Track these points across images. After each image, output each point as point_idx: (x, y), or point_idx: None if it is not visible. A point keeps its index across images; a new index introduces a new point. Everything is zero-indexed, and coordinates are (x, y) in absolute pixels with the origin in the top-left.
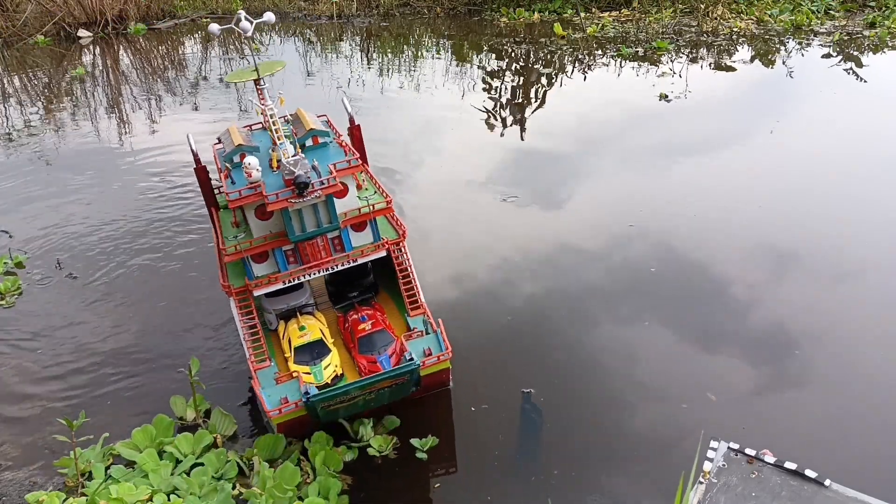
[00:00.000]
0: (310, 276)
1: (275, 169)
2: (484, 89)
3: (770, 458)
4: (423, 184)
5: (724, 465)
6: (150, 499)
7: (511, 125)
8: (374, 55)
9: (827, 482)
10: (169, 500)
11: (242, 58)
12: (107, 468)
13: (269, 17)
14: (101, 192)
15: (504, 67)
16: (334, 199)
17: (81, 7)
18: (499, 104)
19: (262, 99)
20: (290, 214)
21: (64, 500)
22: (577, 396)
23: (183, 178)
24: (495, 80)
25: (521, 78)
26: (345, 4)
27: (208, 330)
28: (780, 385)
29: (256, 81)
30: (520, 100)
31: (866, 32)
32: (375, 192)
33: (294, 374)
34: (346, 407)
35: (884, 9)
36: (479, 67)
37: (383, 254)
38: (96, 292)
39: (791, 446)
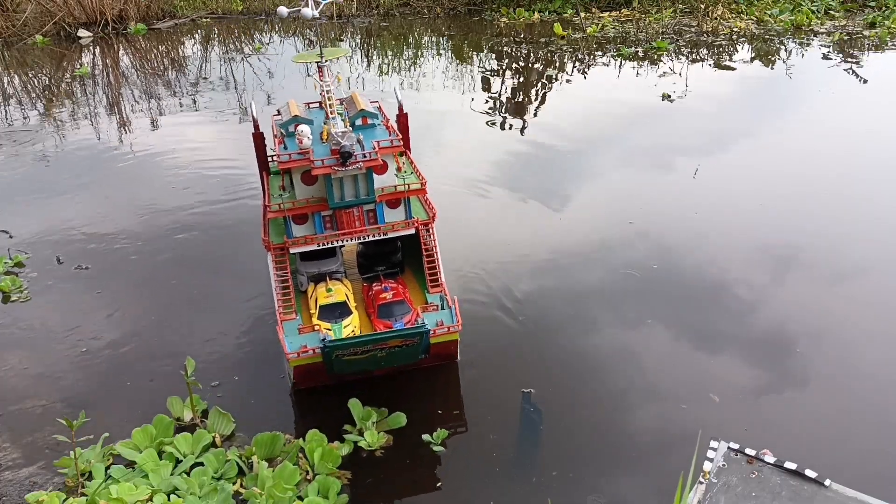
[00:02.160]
0: (343, 242)
1: (325, 140)
2: (484, 83)
3: (770, 458)
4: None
5: (723, 464)
6: (150, 499)
7: (511, 124)
8: (374, 55)
9: (827, 482)
10: (169, 500)
11: (244, 58)
12: (107, 468)
13: None
14: (101, 191)
15: (504, 67)
16: (374, 174)
17: (81, 7)
18: (499, 104)
19: (322, 77)
20: (332, 182)
21: (64, 500)
22: (578, 396)
23: (183, 177)
24: (495, 79)
25: (522, 78)
26: (345, 4)
27: (209, 328)
28: (781, 385)
29: (319, 64)
30: (520, 99)
31: (866, 32)
32: (412, 173)
33: (316, 328)
34: (358, 360)
35: (884, 9)
36: (478, 68)
37: (412, 231)
38: (97, 291)
39: (791, 446)
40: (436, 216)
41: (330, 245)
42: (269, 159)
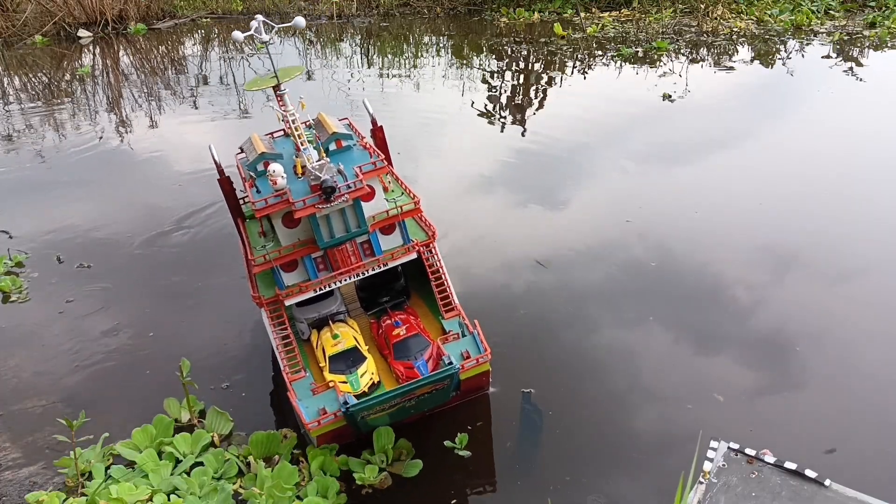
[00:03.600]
0: (340, 282)
1: (300, 175)
2: (484, 83)
3: (770, 458)
4: (422, 183)
5: (723, 464)
6: (150, 499)
7: (511, 125)
8: (374, 55)
9: (827, 482)
10: (169, 500)
11: (244, 58)
12: (107, 468)
13: (300, 21)
14: (101, 191)
15: (504, 67)
16: (362, 202)
17: (81, 7)
18: (499, 104)
19: (283, 105)
20: (317, 221)
21: (64, 500)
22: (578, 396)
23: (183, 176)
24: (495, 79)
25: (522, 78)
26: (345, 4)
27: (209, 327)
28: (781, 385)
29: (276, 88)
30: (520, 99)
31: (866, 32)
32: (403, 193)
33: (330, 384)
34: (387, 414)
35: (884, 9)
36: (478, 68)
37: (414, 256)
38: (97, 291)
39: (791, 446)
40: (436, 234)
41: (327, 288)
42: (241, 201)
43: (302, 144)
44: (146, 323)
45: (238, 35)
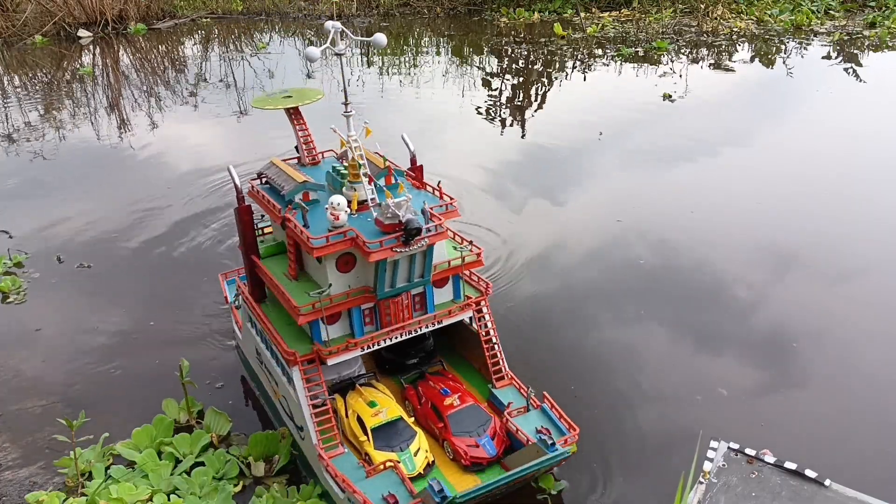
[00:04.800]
0: (391, 340)
1: (354, 212)
2: (484, 83)
3: (770, 458)
4: None
5: (724, 465)
6: (150, 499)
7: (511, 125)
8: (375, 55)
9: (827, 482)
10: (169, 500)
11: (244, 58)
12: (107, 468)
13: (381, 39)
14: (101, 191)
15: (504, 67)
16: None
17: (81, 7)
18: (499, 104)
19: (301, 124)
20: (385, 266)
21: (64, 500)
22: (579, 396)
23: (182, 177)
24: (495, 79)
25: (522, 78)
26: (345, 4)
27: (207, 328)
28: (781, 385)
29: (294, 112)
30: (520, 100)
31: (866, 32)
32: (457, 246)
33: (388, 465)
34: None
35: (884, 9)
36: (478, 68)
37: (470, 314)
38: (96, 291)
39: (791, 446)
40: (490, 289)
41: (379, 346)
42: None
43: (366, 177)
44: (146, 323)
45: (313, 52)
